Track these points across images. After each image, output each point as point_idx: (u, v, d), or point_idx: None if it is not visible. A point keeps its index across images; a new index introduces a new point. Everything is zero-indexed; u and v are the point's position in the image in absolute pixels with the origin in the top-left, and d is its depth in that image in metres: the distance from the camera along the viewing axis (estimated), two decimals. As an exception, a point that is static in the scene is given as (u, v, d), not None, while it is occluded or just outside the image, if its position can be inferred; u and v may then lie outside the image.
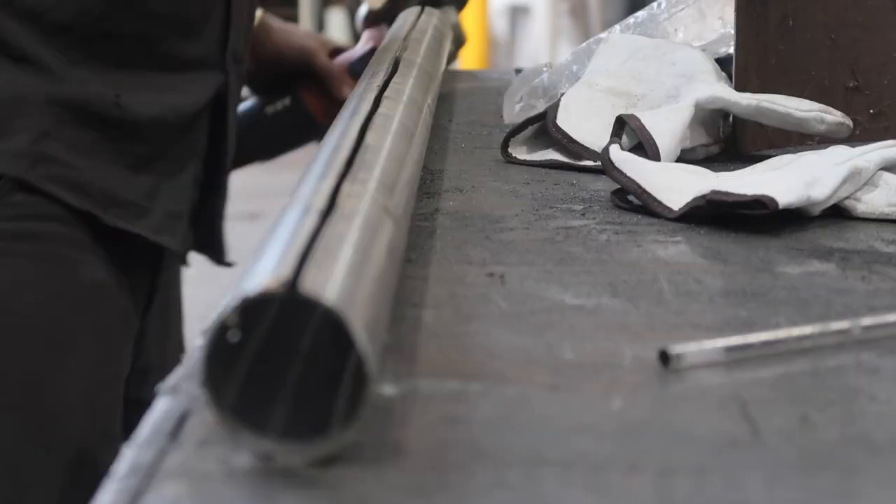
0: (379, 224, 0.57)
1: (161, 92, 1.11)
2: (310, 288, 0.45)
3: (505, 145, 1.04)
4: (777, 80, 1.03)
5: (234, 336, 0.46)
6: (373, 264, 0.52)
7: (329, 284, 0.46)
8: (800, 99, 1.02)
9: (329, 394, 0.47)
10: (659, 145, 0.96)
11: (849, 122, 1.00)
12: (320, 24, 4.36)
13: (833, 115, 0.99)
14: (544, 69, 1.24)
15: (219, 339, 0.45)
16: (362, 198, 0.58)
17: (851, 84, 1.01)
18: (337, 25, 4.37)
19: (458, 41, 1.56)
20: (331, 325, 0.45)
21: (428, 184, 0.93)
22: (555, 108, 1.05)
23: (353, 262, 0.50)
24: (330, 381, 0.47)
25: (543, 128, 1.05)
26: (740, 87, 1.05)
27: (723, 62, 1.11)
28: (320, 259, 0.48)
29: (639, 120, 0.97)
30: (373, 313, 0.48)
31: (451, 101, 1.32)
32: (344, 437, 0.45)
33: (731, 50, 1.11)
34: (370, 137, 0.71)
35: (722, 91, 1.02)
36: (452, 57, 1.53)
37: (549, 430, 0.49)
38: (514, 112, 1.19)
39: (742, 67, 1.06)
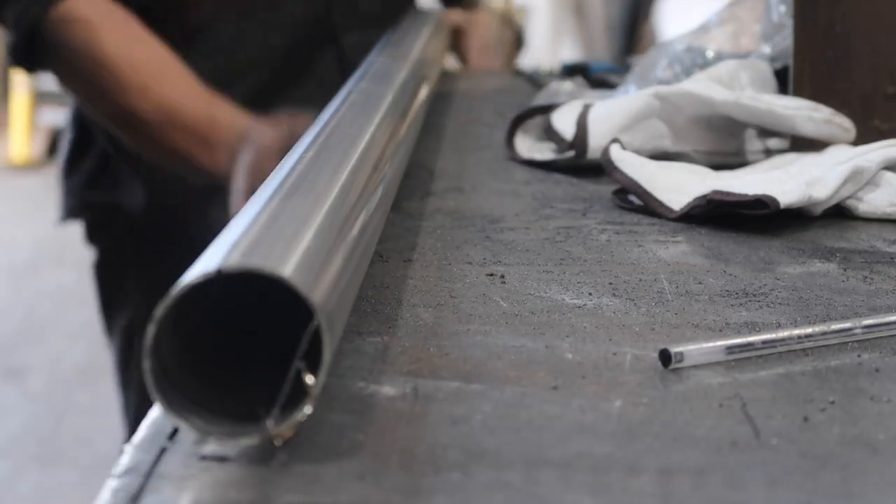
0: (351, 206, 0.58)
1: None
2: (265, 262, 0.44)
3: (510, 136, 1.04)
4: (827, 89, 0.99)
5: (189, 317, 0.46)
6: (341, 246, 0.53)
7: (289, 260, 0.46)
8: (789, 97, 0.99)
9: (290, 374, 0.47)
10: (591, 132, 0.96)
11: (841, 120, 0.95)
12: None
13: (821, 113, 0.95)
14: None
15: (172, 321, 0.45)
16: (338, 178, 0.59)
17: (891, 91, 0.98)
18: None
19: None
20: (293, 306, 0.45)
21: (428, 183, 0.92)
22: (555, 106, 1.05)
23: (317, 240, 0.50)
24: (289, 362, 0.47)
25: (545, 128, 1.05)
26: (796, 96, 1.00)
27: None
28: (280, 236, 0.48)
29: (586, 114, 0.97)
30: (336, 297, 0.48)
31: (450, 100, 1.32)
32: (293, 419, 0.45)
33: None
34: (355, 121, 0.72)
35: (697, 87, 0.98)
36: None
37: (549, 430, 0.49)
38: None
39: (797, 75, 1.02)
